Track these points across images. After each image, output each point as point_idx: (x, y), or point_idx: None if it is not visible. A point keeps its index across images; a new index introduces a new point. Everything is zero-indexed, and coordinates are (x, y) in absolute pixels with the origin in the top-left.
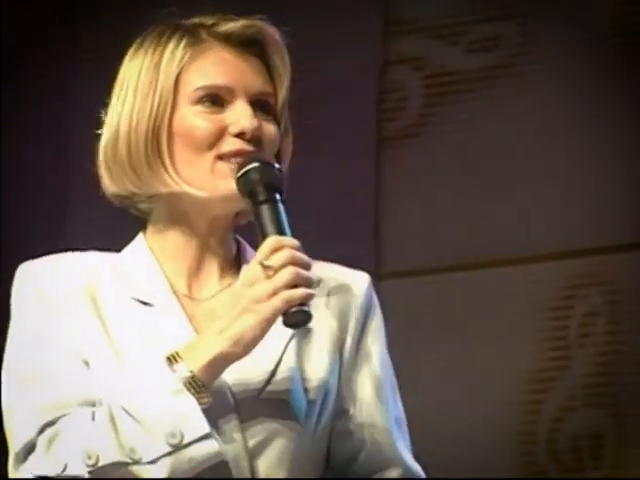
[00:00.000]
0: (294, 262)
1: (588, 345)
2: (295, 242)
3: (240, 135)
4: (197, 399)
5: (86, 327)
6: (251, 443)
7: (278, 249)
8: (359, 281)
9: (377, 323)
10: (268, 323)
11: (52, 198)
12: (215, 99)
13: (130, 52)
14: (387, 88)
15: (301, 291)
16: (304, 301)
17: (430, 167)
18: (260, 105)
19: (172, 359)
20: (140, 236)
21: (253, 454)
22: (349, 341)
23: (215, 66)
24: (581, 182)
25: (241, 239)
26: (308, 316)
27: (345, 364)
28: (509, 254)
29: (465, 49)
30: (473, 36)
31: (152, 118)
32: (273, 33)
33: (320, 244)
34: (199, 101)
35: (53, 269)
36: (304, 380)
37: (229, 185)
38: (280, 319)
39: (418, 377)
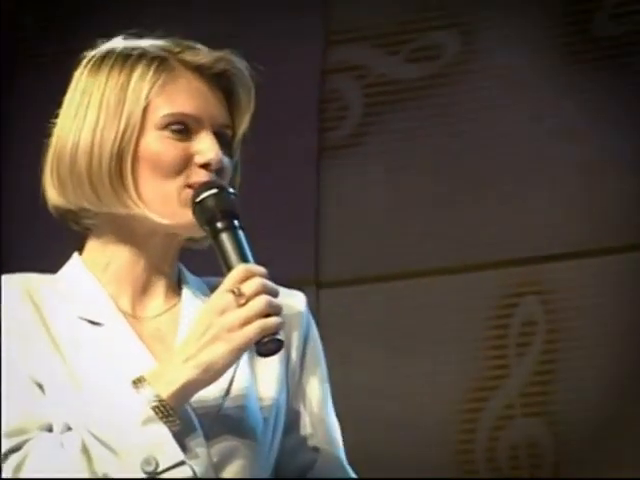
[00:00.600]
0: (266, 290)
1: (527, 354)
2: (263, 270)
3: (206, 166)
4: (168, 426)
5: (38, 349)
6: (215, 459)
7: (248, 277)
8: (297, 300)
9: (317, 340)
10: (240, 352)
11: None
12: (182, 127)
13: (88, 67)
14: (327, 97)
15: (275, 320)
16: (277, 330)
17: (371, 176)
18: (220, 137)
19: (137, 384)
20: (75, 256)
21: (217, 466)
22: (294, 358)
23: (185, 94)
24: (522, 192)
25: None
26: (280, 344)
27: (291, 381)
28: (449, 263)
29: (406, 58)
30: (414, 45)
31: (118, 139)
32: (243, 68)
33: (261, 253)
34: (166, 127)
35: (4, 289)
36: (257, 398)
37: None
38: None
39: (357, 386)
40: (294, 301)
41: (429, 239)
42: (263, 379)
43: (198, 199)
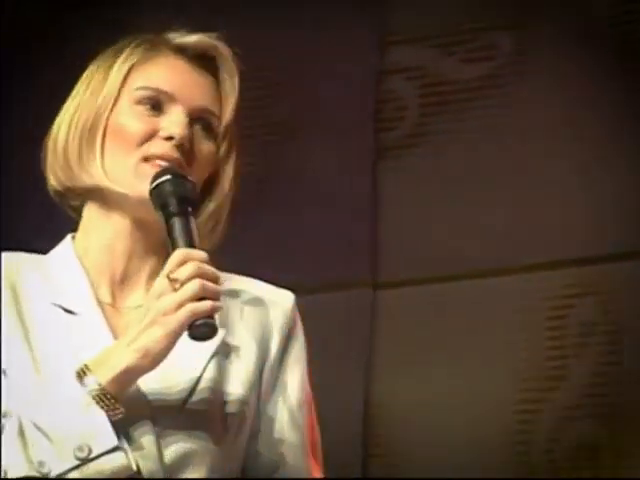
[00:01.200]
0: (200, 274)
1: (585, 355)
2: (202, 255)
3: (169, 139)
4: (107, 412)
5: (6, 333)
6: (168, 458)
7: (185, 262)
8: (283, 300)
9: (299, 344)
10: (175, 335)
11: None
12: (155, 103)
13: (94, 60)
14: (384, 98)
15: (207, 303)
16: (210, 313)
17: (428, 177)
18: (201, 122)
19: (82, 372)
20: (68, 238)
21: (170, 469)
22: (270, 360)
23: (162, 71)
24: (579, 191)
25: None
26: (214, 329)
27: (265, 383)
28: (506, 264)
29: (462, 59)
30: (470, 45)
31: (94, 111)
32: (227, 53)
33: (318, 254)
34: (139, 101)
35: None
36: (224, 396)
37: (147, 188)
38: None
39: (414, 386)
40: (279, 300)
41: (486, 240)
42: (233, 378)
43: (154, 184)
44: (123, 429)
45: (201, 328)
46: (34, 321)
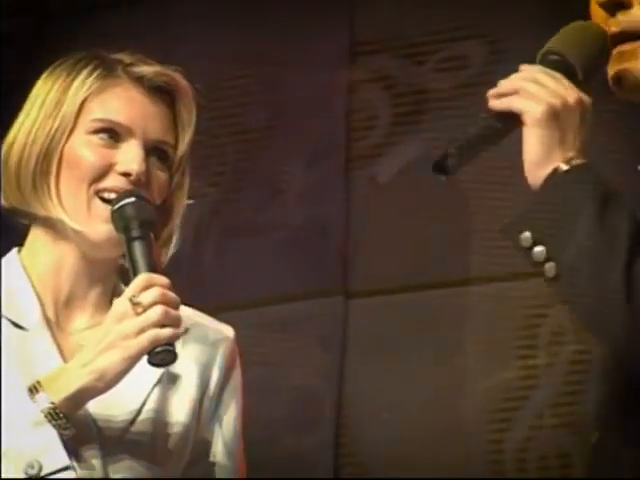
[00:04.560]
0: (163, 301)
1: (556, 364)
2: (165, 280)
3: (125, 175)
4: (59, 430)
5: None
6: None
7: (148, 287)
8: (224, 333)
9: (237, 378)
10: (133, 360)
11: None
12: (111, 134)
13: (46, 73)
14: (355, 107)
15: (168, 331)
16: (171, 341)
17: (399, 186)
18: (157, 153)
19: (34, 389)
20: (14, 252)
21: None
22: (210, 391)
23: (119, 102)
24: None
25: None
26: (173, 356)
27: (204, 413)
28: (478, 273)
29: (433, 68)
30: (441, 55)
31: (49, 139)
32: (185, 86)
33: (290, 262)
34: (95, 132)
35: None
36: (167, 424)
37: (103, 229)
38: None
39: (385, 395)
40: (221, 333)
41: (459, 249)
42: (176, 407)
43: (117, 206)
44: (72, 448)
45: (161, 355)
46: None
